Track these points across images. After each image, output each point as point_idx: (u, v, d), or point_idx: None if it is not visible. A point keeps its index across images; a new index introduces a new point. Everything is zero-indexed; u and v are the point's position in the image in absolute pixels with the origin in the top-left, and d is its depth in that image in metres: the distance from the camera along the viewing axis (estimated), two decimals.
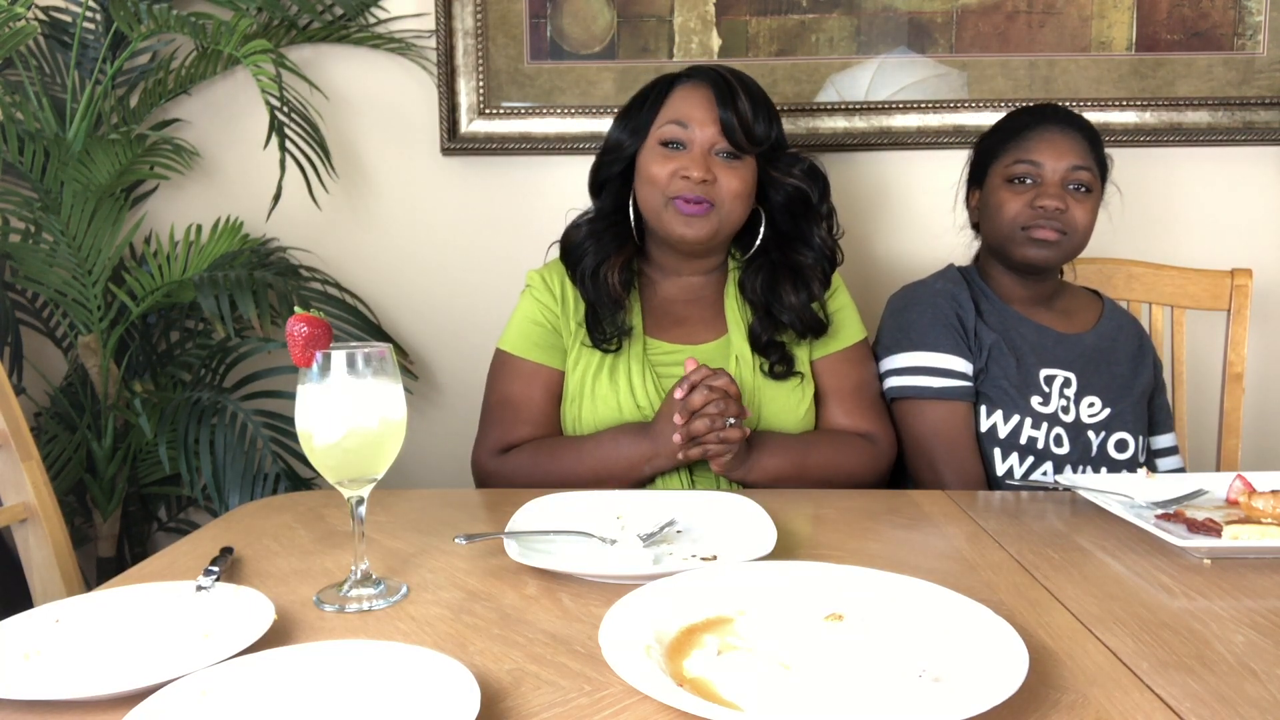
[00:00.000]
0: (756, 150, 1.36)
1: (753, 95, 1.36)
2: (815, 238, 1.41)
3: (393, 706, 0.64)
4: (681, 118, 1.35)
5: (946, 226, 1.69)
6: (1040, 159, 1.41)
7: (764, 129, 1.35)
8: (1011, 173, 1.43)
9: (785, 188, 1.40)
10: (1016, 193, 1.43)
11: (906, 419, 1.44)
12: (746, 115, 1.33)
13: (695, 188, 1.32)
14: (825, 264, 1.42)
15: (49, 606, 0.82)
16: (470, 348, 1.93)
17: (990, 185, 1.48)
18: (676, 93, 1.38)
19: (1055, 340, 1.47)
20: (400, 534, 1.07)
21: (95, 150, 1.68)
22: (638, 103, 1.42)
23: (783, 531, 1.00)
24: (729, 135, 1.33)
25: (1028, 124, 1.45)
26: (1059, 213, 1.39)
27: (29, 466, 1.23)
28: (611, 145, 1.43)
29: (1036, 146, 1.42)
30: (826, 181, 1.43)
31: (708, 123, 1.34)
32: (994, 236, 1.47)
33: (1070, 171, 1.41)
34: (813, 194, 1.40)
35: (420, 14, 1.89)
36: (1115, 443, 1.45)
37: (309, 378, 0.85)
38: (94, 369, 1.77)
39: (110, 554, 1.85)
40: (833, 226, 1.45)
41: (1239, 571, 0.92)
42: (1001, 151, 1.46)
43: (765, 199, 1.42)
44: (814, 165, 1.42)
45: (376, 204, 1.96)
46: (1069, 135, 1.43)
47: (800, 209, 1.41)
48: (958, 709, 0.59)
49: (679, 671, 0.69)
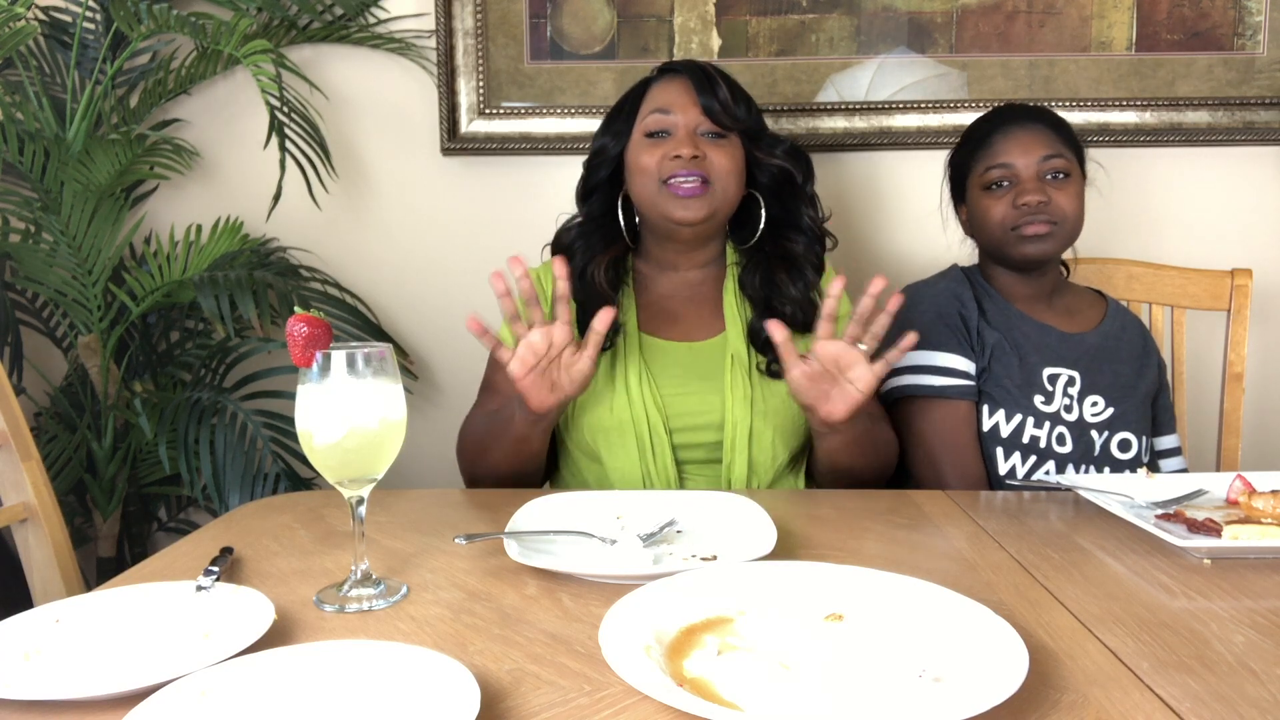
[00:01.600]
0: (740, 127, 1.38)
1: (729, 82, 1.39)
2: (804, 219, 1.42)
3: (393, 706, 0.64)
4: (663, 105, 1.38)
5: (946, 227, 1.69)
6: (1009, 159, 1.43)
7: (744, 110, 1.38)
8: (987, 180, 1.45)
9: (770, 168, 1.41)
10: (997, 198, 1.44)
11: (909, 418, 1.43)
12: (726, 98, 1.36)
13: (687, 164, 1.33)
14: (817, 246, 1.43)
15: (49, 606, 0.82)
16: (470, 348, 1.92)
17: (971, 197, 1.50)
18: (654, 88, 1.41)
19: (1059, 339, 1.47)
20: (400, 534, 1.06)
21: (95, 150, 1.68)
22: (618, 108, 1.45)
23: (783, 531, 1.00)
24: (711, 115, 1.36)
25: (989, 130, 1.47)
26: (1043, 205, 1.40)
27: (29, 466, 1.23)
28: (596, 151, 1.45)
29: (1003, 148, 1.44)
30: (809, 162, 1.44)
31: (689, 106, 1.36)
32: (989, 244, 1.49)
33: (1042, 163, 1.42)
34: (797, 173, 1.41)
35: (420, 14, 1.89)
36: (1118, 442, 1.45)
37: (309, 378, 0.85)
38: (94, 369, 1.77)
39: (110, 554, 1.85)
40: (818, 209, 1.46)
41: (1239, 571, 0.92)
42: (973, 162, 1.48)
43: (753, 182, 1.43)
44: (795, 145, 1.44)
45: (376, 204, 1.96)
46: (1031, 129, 1.44)
47: (787, 190, 1.42)
48: (958, 709, 0.59)
49: (679, 671, 0.69)
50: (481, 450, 1.35)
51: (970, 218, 1.52)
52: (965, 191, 1.52)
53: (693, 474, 1.36)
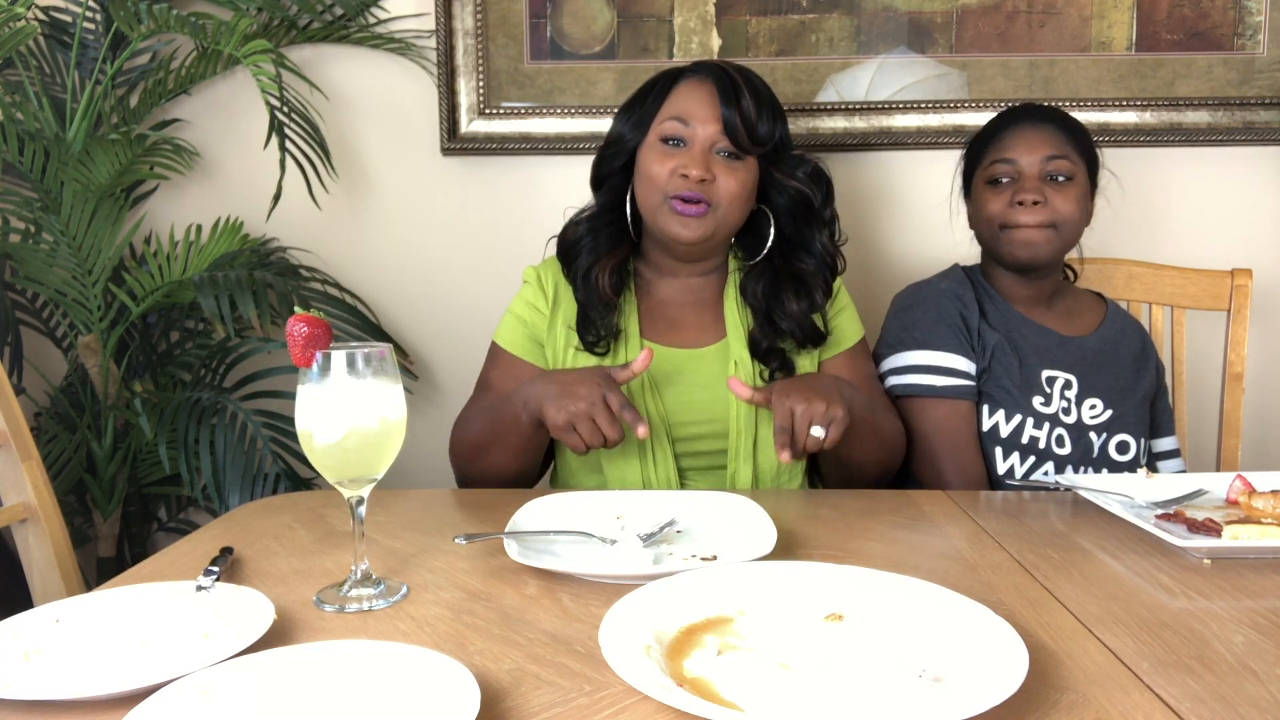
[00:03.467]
0: (759, 150, 1.34)
1: (758, 93, 1.33)
2: (816, 244, 1.39)
3: (393, 706, 0.64)
4: (683, 114, 1.33)
5: (946, 226, 1.69)
6: (1014, 155, 1.43)
7: (767, 129, 1.33)
8: (990, 174, 1.45)
9: (788, 190, 1.37)
10: (997, 193, 1.44)
11: (910, 417, 1.43)
12: (750, 114, 1.31)
13: (693, 186, 1.30)
14: (826, 272, 1.40)
15: (49, 606, 0.82)
16: (470, 348, 1.92)
17: (974, 191, 1.51)
18: (680, 88, 1.36)
19: (1057, 342, 1.47)
20: (400, 534, 1.06)
21: (95, 150, 1.68)
22: (641, 96, 1.40)
23: (783, 531, 1.00)
24: (730, 134, 1.31)
25: (1001, 126, 1.48)
26: (1037, 205, 1.39)
27: (29, 466, 1.23)
28: (614, 138, 1.41)
29: (1010, 144, 1.44)
30: (830, 185, 1.41)
31: (709, 120, 1.32)
32: (982, 239, 1.50)
33: (1046, 162, 1.41)
34: (815, 198, 1.38)
35: (420, 14, 1.89)
36: (1116, 444, 1.45)
37: (309, 378, 0.85)
38: (94, 369, 1.77)
39: (110, 554, 1.85)
40: (835, 233, 1.42)
41: (1239, 571, 0.92)
42: (981, 157, 1.49)
43: (768, 200, 1.40)
44: (818, 168, 1.40)
45: (376, 204, 1.96)
46: (1041, 129, 1.44)
47: (802, 213, 1.39)
48: (958, 709, 0.59)
49: (679, 671, 0.69)
50: (478, 450, 1.33)
51: (973, 212, 1.53)
52: (970, 187, 1.53)
53: (695, 480, 1.36)
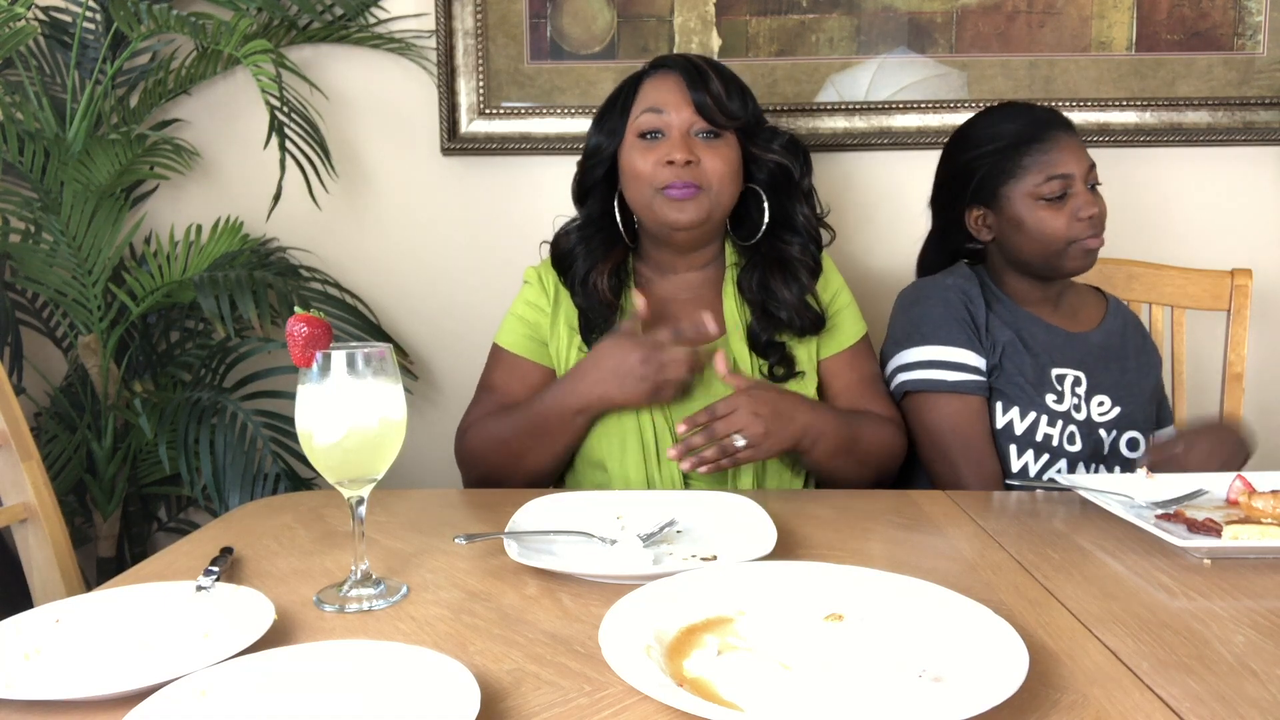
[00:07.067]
0: (735, 124, 1.36)
1: (722, 74, 1.37)
2: (799, 217, 1.41)
3: (393, 706, 0.64)
4: (656, 104, 1.35)
5: None
6: (1068, 169, 1.38)
7: (739, 104, 1.36)
8: (1046, 190, 1.38)
9: (767, 164, 1.40)
10: (1057, 209, 1.38)
11: (920, 413, 1.42)
12: (719, 93, 1.34)
13: (681, 172, 1.32)
14: (813, 246, 1.42)
15: (49, 606, 0.82)
16: (470, 348, 1.92)
17: (1012, 205, 1.41)
18: (646, 85, 1.39)
19: (1064, 339, 1.47)
20: (400, 534, 1.06)
21: (95, 150, 1.68)
22: (610, 104, 1.43)
23: (783, 531, 1.00)
24: (705, 113, 1.34)
25: (1036, 135, 1.40)
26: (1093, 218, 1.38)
27: (29, 466, 1.23)
28: (591, 150, 1.44)
29: (1061, 160, 1.38)
30: (808, 155, 1.42)
31: (682, 105, 1.34)
32: (1034, 255, 1.42)
33: (1089, 172, 1.40)
34: (794, 168, 1.40)
35: (420, 14, 1.89)
36: (1127, 441, 1.44)
37: (309, 378, 0.85)
38: (94, 369, 1.77)
39: (110, 554, 1.85)
40: (815, 205, 1.44)
41: (1239, 571, 0.92)
42: (1017, 170, 1.40)
43: (750, 179, 1.42)
44: (794, 139, 1.42)
45: (376, 204, 1.96)
46: (1075, 136, 1.42)
47: (783, 185, 1.41)
48: (958, 709, 0.59)
49: (679, 671, 0.69)
50: (515, 455, 1.33)
51: (1000, 225, 1.44)
52: (994, 199, 1.44)
53: (698, 479, 1.35)
